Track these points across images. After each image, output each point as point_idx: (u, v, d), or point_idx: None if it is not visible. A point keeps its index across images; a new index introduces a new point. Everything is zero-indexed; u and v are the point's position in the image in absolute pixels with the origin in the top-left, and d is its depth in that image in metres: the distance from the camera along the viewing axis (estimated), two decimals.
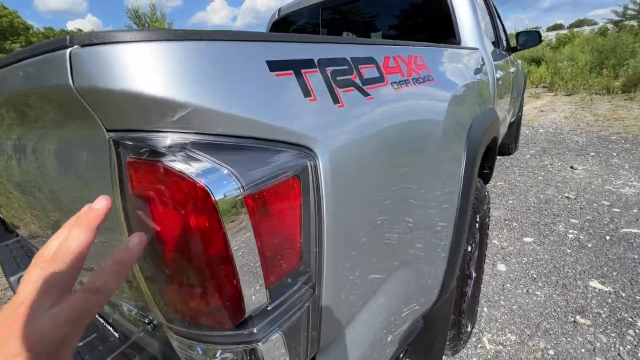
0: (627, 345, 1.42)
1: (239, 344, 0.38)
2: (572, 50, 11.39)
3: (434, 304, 0.93)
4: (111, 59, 0.30)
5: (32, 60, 0.33)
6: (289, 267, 0.41)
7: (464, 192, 0.90)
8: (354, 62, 0.56)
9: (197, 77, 0.33)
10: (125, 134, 0.34)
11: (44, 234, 0.79)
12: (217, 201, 0.32)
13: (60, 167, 0.44)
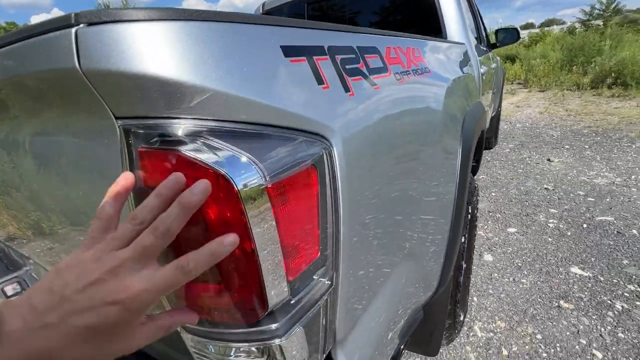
0: (608, 326, 1.49)
1: (259, 341, 0.37)
2: (543, 48, 11.87)
3: (433, 294, 0.94)
4: (123, 38, 0.28)
5: (32, 41, 0.30)
6: (308, 259, 0.39)
7: (460, 183, 0.92)
8: (360, 51, 0.55)
9: (215, 60, 0.31)
10: (137, 122, 0.31)
11: (24, 235, 0.74)
12: (240, 190, 0.31)
13: (58, 162, 0.40)
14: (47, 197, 0.48)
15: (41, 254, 0.71)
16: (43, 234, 0.61)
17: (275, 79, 0.37)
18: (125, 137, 0.32)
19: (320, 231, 0.41)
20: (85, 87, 0.29)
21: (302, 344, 0.40)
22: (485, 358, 1.40)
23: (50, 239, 0.59)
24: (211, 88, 0.31)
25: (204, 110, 0.32)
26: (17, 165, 0.48)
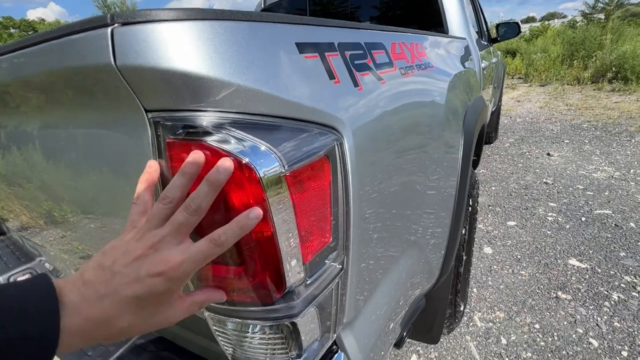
0: (604, 316, 1.53)
1: (276, 320, 0.40)
2: (544, 42, 11.81)
3: (435, 283, 0.97)
4: (154, 37, 0.30)
5: (70, 39, 0.32)
6: (322, 243, 0.42)
7: (462, 176, 0.94)
8: (367, 47, 0.57)
9: (239, 57, 0.33)
10: (165, 114, 0.34)
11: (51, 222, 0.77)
12: (262, 178, 0.33)
13: (90, 152, 0.43)
14: (76, 185, 0.51)
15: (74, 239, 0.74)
16: (73, 221, 0.64)
17: (292, 74, 0.39)
18: (155, 128, 0.34)
19: (333, 218, 0.43)
20: (119, 82, 0.32)
21: (315, 323, 0.43)
22: (485, 347, 1.44)
23: (81, 224, 0.62)
24: (234, 83, 0.33)
25: (227, 103, 0.34)
26: (48, 154, 0.51)
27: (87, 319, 0.29)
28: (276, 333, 0.42)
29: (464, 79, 1.16)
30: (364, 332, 0.57)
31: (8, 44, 0.39)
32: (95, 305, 0.29)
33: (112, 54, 0.30)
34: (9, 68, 0.41)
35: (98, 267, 0.30)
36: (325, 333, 0.47)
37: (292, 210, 0.37)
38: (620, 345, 1.37)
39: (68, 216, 0.62)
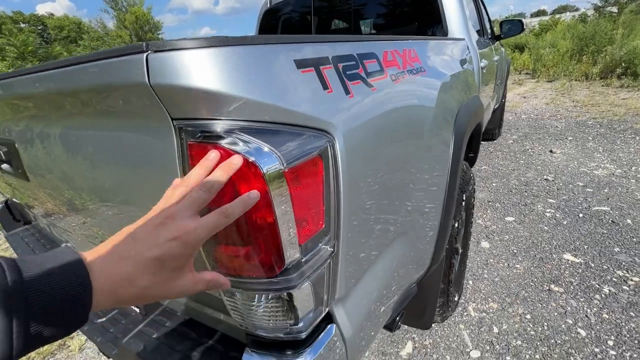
0: (594, 308, 1.59)
1: (277, 290, 0.48)
2: (554, 37, 11.64)
3: (426, 271, 1.05)
4: (181, 62, 0.38)
5: (112, 61, 0.40)
6: (315, 229, 0.50)
7: (452, 173, 1.01)
8: (359, 58, 0.64)
9: (246, 75, 0.41)
10: (188, 122, 0.42)
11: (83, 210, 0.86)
12: (265, 174, 0.41)
13: (120, 152, 0.51)
14: (110, 179, 0.59)
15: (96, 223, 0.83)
16: (100, 210, 0.73)
17: (290, 87, 0.47)
18: (179, 133, 0.42)
19: (325, 208, 0.51)
20: (152, 96, 0.40)
21: (310, 296, 0.51)
22: (477, 335, 1.52)
23: (109, 213, 0.71)
24: (243, 97, 0.41)
25: (237, 113, 0.42)
26: (86, 153, 0.59)
27: (110, 277, 0.33)
28: (277, 303, 0.50)
29: (458, 80, 1.22)
30: (355, 310, 0.66)
31: (61, 60, 0.48)
32: (118, 266, 0.34)
33: (147, 74, 0.38)
34: (61, 80, 0.49)
35: (122, 235, 0.36)
36: (319, 306, 0.55)
37: (289, 201, 0.44)
38: (607, 335, 1.44)
39: (95, 205, 0.71)
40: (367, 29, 2.39)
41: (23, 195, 1.10)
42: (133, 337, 0.81)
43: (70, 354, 1.67)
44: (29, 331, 0.28)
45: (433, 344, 1.50)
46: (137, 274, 0.35)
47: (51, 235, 1.24)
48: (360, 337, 0.70)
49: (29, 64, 10.72)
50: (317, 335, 0.57)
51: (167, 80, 0.38)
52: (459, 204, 1.29)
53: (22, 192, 1.06)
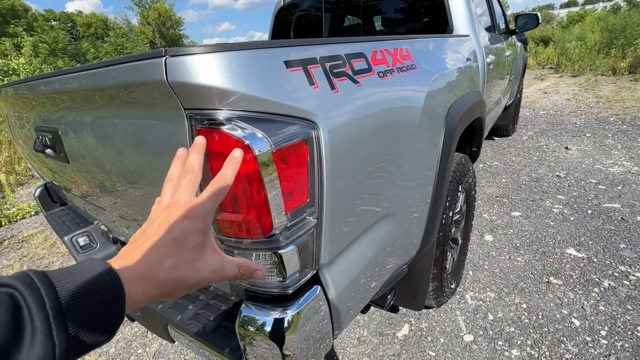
0: (591, 300, 1.63)
1: (268, 250, 0.59)
2: (582, 29, 11.15)
3: (416, 255, 1.13)
4: (192, 64, 0.49)
5: (138, 63, 0.52)
6: (301, 201, 0.60)
7: (441, 164, 1.09)
8: (347, 57, 0.73)
9: (242, 74, 0.52)
10: (197, 111, 0.53)
11: (104, 191, 1.00)
12: (257, 155, 0.52)
13: (141, 136, 0.63)
14: (127, 162, 0.72)
15: (118, 203, 0.96)
16: (117, 189, 0.86)
17: (280, 84, 0.57)
18: (189, 120, 0.53)
19: (309, 184, 0.61)
20: (169, 91, 0.51)
21: (295, 257, 0.62)
22: (472, 321, 1.59)
23: (129, 193, 0.83)
24: (240, 92, 0.52)
25: (235, 104, 0.53)
26: (108, 138, 0.72)
27: (135, 265, 0.34)
28: (268, 262, 0.61)
29: (455, 75, 1.28)
30: (339, 277, 0.76)
31: (94, 63, 0.60)
32: (138, 250, 0.36)
33: (165, 74, 0.49)
34: (92, 79, 0.62)
35: (143, 225, 0.40)
36: (304, 268, 0.65)
37: (277, 177, 0.55)
38: (601, 326, 1.48)
39: (123, 187, 0.84)
40: (377, 25, 2.45)
41: (61, 179, 1.25)
42: None
43: None
44: (71, 351, 0.28)
45: (429, 327, 1.58)
46: (157, 255, 0.35)
47: (85, 215, 1.40)
48: (347, 304, 0.80)
49: (59, 60, 11.31)
50: (303, 293, 0.67)
51: (181, 78, 0.49)
52: (454, 195, 1.36)
53: (61, 175, 1.22)
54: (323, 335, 0.73)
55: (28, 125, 1.12)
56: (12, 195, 3.81)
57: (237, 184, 0.54)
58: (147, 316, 0.95)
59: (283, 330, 0.62)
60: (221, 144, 0.52)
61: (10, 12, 28.82)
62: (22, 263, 2.54)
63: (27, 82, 0.90)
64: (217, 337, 0.77)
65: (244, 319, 0.65)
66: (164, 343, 1.65)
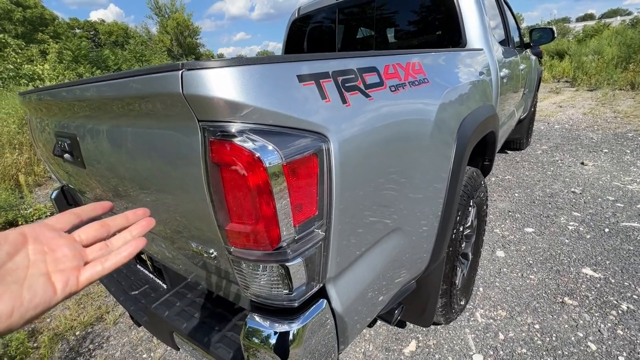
0: (609, 323, 1.56)
1: (275, 262, 0.59)
2: (599, 43, 10.97)
3: (425, 270, 1.11)
4: (206, 77, 0.50)
5: (155, 75, 0.53)
6: (309, 214, 0.60)
7: (452, 178, 1.07)
8: (359, 71, 0.74)
9: (255, 88, 0.53)
10: (210, 123, 0.54)
11: (115, 196, 1.02)
12: (267, 167, 0.52)
13: (155, 145, 0.65)
14: (145, 170, 0.73)
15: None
16: (129, 194, 0.88)
17: (292, 98, 0.57)
18: (203, 132, 0.55)
19: (318, 197, 0.61)
20: (184, 103, 0.52)
21: (302, 270, 0.61)
22: (482, 340, 1.54)
23: (140, 198, 0.85)
24: (253, 105, 0.52)
25: (248, 117, 0.53)
26: (123, 147, 0.74)
27: None
28: (275, 273, 0.61)
29: (467, 89, 1.28)
30: (346, 291, 0.75)
31: (113, 74, 0.62)
32: None
33: (181, 86, 0.51)
34: (112, 88, 0.64)
35: None
36: (311, 281, 0.65)
37: (287, 189, 0.55)
38: (619, 351, 1.41)
39: (135, 192, 0.86)
40: (390, 37, 2.47)
41: (77, 182, 1.29)
42: (160, 305, 0.95)
43: (105, 326, 1.88)
44: None
45: (437, 345, 1.54)
46: None
47: (97, 218, 1.43)
48: (353, 318, 0.79)
49: (81, 66, 11.75)
50: (309, 306, 0.67)
51: (196, 91, 0.50)
52: (465, 209, 1.34)
53: (77, 179, 1.25)
54: (328, 349, 0.72)
55: (48, 130, 1.16)
56: (30, 195, 3.93)
57: (246, 195, 0.55)
58: (154, 323, 0.96)
59: (288, 343, 0.62)
60: (233, 156, 0.53)
61: (38, 20, 30.21)
62: None
63: (50, 90, 0.93)
64: (222, 347, 0.76)
65: (248, 330, 0.64)
66: (169, 349, 1.65)
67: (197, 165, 0.58)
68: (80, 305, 2.07)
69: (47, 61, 11.85)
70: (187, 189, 0.63)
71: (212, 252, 0.68)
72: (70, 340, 1.79)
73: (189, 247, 0.74)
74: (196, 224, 0.67)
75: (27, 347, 1.70)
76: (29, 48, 16.62)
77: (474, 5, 1.82)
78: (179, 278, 1.05)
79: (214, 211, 0.59)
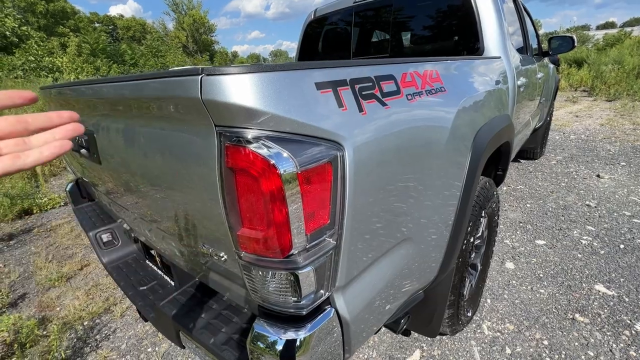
0: (621, 343, 1.51)
1: (285, 270, 0.58)
2: (620, 52, 10.70)
3: (433, 280, 1.10)
4: (226, 83, 0.50)
5: (175, 79, 0.54)
6: (321, 223, 0.60)
7: (465, 189, 1.06)
8: (376, 79, 0.73)
9: (273, 95, 0.52)
10: (227, 128, 0.54)
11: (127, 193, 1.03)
12: (281, 174, 0.52)
13: (171, 147, 0.65)
14: (160, 170, 0.74)
15: (136, 205, 0.99)
16: (142, 192, 0.89)
17: (309, 105, 0.57)
18: (219, 137, 0.55)
19: (331, 206, 0.61)
20: (202, 108, 0.52)
21: (312, 278, 0.61)
22: (488, 353, 1.51)
23: (154, 196, 0.86)
24: (270, 112, 0.52)
25: (264, 124, 0.53)
26: (139, 147, 0.75)
27: None
28: (285, 281, 0.60)
29: (484, 98, 1.26)
30: (354, 300, 0.74)
31: (135, 75, 0.62)
32: None
33: (200, 91, 0.51)
34: (130, 90, 0.65)
35: None
36: (320, 290, 0.64)
37: (300, 197, 0.55)
38: None
39: (147, 190, 0.87)
40: (406, 42, 2.45)
41: (92, 176, 1.31)
42: (167, 303, 0.96)
43: (112, 318, 1.91)
44: None
45: (441, 355, 1.52)
46: None
47: (110, 212, 1.46)
48: (360, 327, 0.78)
49: (98, 60, 12.01)
50: (317, 314, 0.66)
51: (215, 97, 0.50)
52: (476, 220, 1.32)
53: (92, 173, 1.28)
54: (334, 357, 0.72)
55: None
56: (45, 185, 4.03)
57: (259, 202, 0.55)
58: (161, 320, 0.97)
59: (294, 351, 0.62)
60: (248, 162, 0.53)
61: (60, 14, 30.97)
62: (49, 252, 2.66)
63: (71, 87, 0.95)
64: (227, 350, 0.76)
65: (255, 335, 0.64)
66: (174, 345, 1.67)
67: (212, 169, 0.58)
68: (89, 296, 2.11)
69: (67, 54, 12.14)
70: (200, 192, 0.63)
71: (223, 255, 0.68)
72: (79, 330, 1.82)
73: (198, 248, 0.74)
74: (207, 226, 0.68)
75: (36, 335, 1.74)
76: (50, 41, 17.05)
77: (494, 12, 1.79)
78: (187, 277, 1.05)
79: (226, 215, 0.59)
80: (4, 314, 1.96)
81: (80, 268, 2.42)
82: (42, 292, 2.18)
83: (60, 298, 2.11)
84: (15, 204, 3.34)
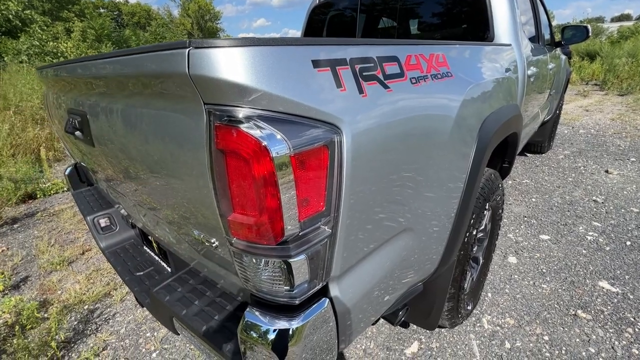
0: (623, 341, 1.49)
1: (277, 257, 0.56)
2: (634, 45, 10.37)
3: (433, 273, 1.07)
4: (215, 57, 0.47)
5: (161, 53, 0.50)
6: (315, 209, 0.57)
7: (470, 179, 1.02)
8: (379, 60, 0.69)
9: (266, 71, 0.49)
10: (216, 107, 0.51)
11: (121, 177, 1.01)
12: (274, 157, 0.49)
13: (158, 126, 0.62)
14: (146, 151, 0.71)
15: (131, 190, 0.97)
16: (136, 175, 0.86)
17: (306, 84, 0.54)
18: (208, 115, 0.51)
19: (327, 192, 0.58)
20: (190, 84, 0.49)
21: (305, 267, 0.58)
22: (487, 347, 1.50)
23: (148, 181, 0.84)
24: (262, 89, 0.49)
25: (256, 103, 0.50)
26: (128, 126, 0.72)
27: None
28: (277, 269, 0.58)
29: (492, 86, 1.21)
30: (350, 291, 0.72)
31: (119, 51, 0.59)
32: None
33: (187, 66, 0.48)
34: (116, 67, 0.61)
35: None
36: (313, 279, 0.62)
37: (293, 182, 0.52)
38: None
39: (145, 175, 0.84)
40: (413, 29, 2.37)
41: (89, 160, 1.29)
42: (162, 289, 0.95)
43: (112, 302, 1.92)
44: None
45: (439, 348, 1.50)
46: None
47: (108, 197, 1.44)
48: (356, 317, 0.76)
49: (103, 45, 11.93)
50: (311, 304, 0.64)
51: (203, 71, 0.47)
52: (480, 212, 1.28)
53: (88, 157, 1.26)
54: (328, 347, 0.70)
55: (62, 107, 1.16)
56: (49, 170, 4.04)
57: (250, 186, 0.52)
58: (155, 306, 0.96)
59: (286, 341, 0.60)
60: (239, 143, 0.50)
61: None
62: (51, 236, 2.68)
63: (60, 66, 0.92)
64: (219, 337, 0.75)
65: (247, 324, 0.62)
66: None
67: (201, 151, 0.55)
68: (90, 280, 2.12)
69: (71, 39, 12.08)
70: (191, 174, 0.61)
71: (214, 241, 0.65)
72: (79, 313, 1.83)
73: (191, 233, 0.72)
74: (199, 211, 0.65)
75: (36, 317, 1.75)
76: (55, 25, 16.93)
77: None
78: (183, 263, 1.04)
79: (217, 199, 0.56)
80: (6, 296, 1.98)
81: (81, 253, 2.44)
82: (44, 275, 2.20)
83: (62, 282, 2.13)
84: (20, 189, 3.36)
